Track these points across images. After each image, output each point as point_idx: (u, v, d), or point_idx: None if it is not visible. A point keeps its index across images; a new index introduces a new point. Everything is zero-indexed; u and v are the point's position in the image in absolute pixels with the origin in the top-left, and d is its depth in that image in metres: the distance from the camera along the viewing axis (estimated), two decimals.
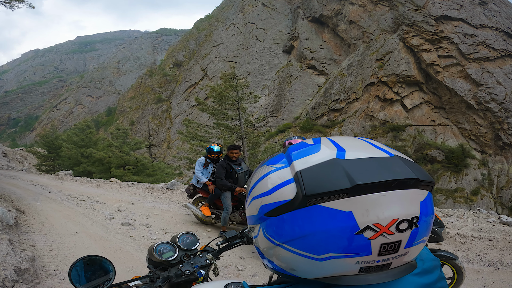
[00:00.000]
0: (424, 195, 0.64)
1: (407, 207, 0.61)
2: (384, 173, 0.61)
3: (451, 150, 43.00)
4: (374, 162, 0.64)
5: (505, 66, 45.36)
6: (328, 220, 0.60)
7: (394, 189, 0.60)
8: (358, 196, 0.59)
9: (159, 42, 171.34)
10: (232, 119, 19.09)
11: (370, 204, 0.59)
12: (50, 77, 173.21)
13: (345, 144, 0.71)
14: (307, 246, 0.64)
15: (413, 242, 0.64)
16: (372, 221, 0.59)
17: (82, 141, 26.09)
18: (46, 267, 4.43)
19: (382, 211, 0.59)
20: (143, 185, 12.03)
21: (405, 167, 0.63)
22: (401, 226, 0.60)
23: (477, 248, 5.43)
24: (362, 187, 0.59)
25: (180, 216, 7.73)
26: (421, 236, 0.65)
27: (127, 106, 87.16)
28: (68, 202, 9.14)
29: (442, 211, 7.95)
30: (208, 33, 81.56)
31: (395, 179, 0.60)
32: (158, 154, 61.12)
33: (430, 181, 0.65)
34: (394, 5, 51.63)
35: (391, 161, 0.65)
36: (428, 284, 0.74)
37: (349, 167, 0.62)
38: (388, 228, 0.60)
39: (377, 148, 0.70)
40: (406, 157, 0.69)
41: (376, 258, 0.62)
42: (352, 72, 52.23)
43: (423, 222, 0.64)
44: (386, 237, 0.60)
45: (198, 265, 1.62)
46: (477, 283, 4.42)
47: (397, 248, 0.62)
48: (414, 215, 0.61)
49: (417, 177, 0.62)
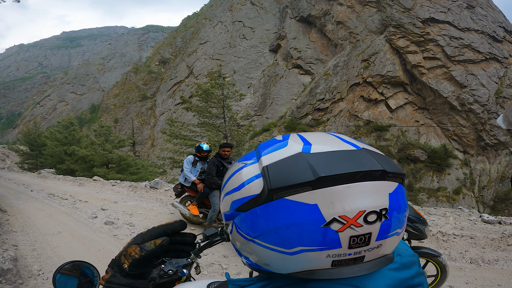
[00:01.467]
0: (394, 187, 0.64)
1: (374, 198, 0.60)
2: (349, 165, 0.61)
3: (434, 150, 43.76)
4: (340, 155, 0.64)
5: (489, 68, 46.28)
6: (294, 214, 0.60)
7: (359, 181, 0.60)
8: (322, 188, 0.59)
9: (146, 39, 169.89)
10: (216, 117, 19.07)
11: (335, 196, 0.59)
12: (34, 73, 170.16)
13: (313, 138, 0.72)
14: (277, 240, 0.63)
15: (386, 235, 0.63)
16: (338, 213, 0.59)
17: (65, 139, 25.75)
18: (29, 267, 4.41)
19: (348, 203, 0.59)
20: (126, 183, 11.98)
21: (371, 159, 0.63)
22: (369, 218, 0.60)
23: (459, 246, 5.55)
24: (326, 180, 0.59)
25: (164, 215, 7.74)
26: (394, 228, 0.64)
27: (111, 103, 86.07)
28: (50, 201, 9.08)
29: (424, 210, 8.08)
30: (195, 31, 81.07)
31: (359, 170, 0.60)
32: (142, 152, 60.64)
33: (399, 173, 0.65)
34: (382, 6, 52.16)
35: (357, 153, 0.65)
36: (406, 278, 0.73)
37: (314, 160, 0.62)
38: (356, 220, 0.59)
39: (345, 141, 0.70)
40: (374, 150, 0.70)
41: (347, 251, 0.62)
42: (338, 72, 52.63)
43: (394, 214, 0.63)
44: (355, 230, 0.60)
45: (180, 265, 1.60)
46: (459, 280, 4.53)
47: (367, 240, 0.61)
48: (382, 207, 0.61)
49: (383, 169, 0.61)
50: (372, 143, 44.41)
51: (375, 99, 48.50)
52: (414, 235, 3.55)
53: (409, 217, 3.53)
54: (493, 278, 4.56)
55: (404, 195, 0.68)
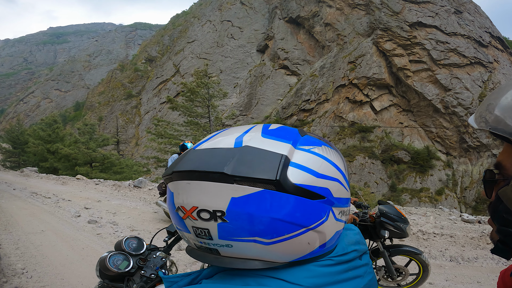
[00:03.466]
0: (246, 192, 0.61)
1: (209, 199, 0.62)
2: (192, 163, 0.65)
3: (417, 152, 44.54)
4: (206, 153, 0.67)
5: (473, 72, 47.27)
6: (169, 197, 0.71)
7: (198, 180, 0.63)
8: (175, 181, 0.67)
9: (133, 36, 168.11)
10: (202, 116, 19.13)
11: (180, 189, 0.66)
12: (19, 69, 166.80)
13: (220, 134, 0.75)
14: None
15: (231, 237, 0.63)
16: (179, 203, 0.66)
17: (48, 137, 25.38)
18: (13, 265, 4.45)
19: (186, 197, 0.64)
20: (110, 182, 12.00)
21: (221, 159, 0.63)
22: (202, 214, 0.63)
23: (439, 244, 5.65)
24: (177, 174, 0.66)
25: (147, 214, 7.79)
26: (243, 234, 0.63)
27: (96, 101, 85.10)
28: (33, 199, 9.06)
29: (405, 209, 8.30)
30: (184, 29, 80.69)
31: (195, 170, 0.63)
32: (126, 151, 60.20)
33: (259, 178, 0.61)
34: (371, 9, 52.82)
35: (221, 152, 0.66)
36: (336, 272, 0.71)
37: (189, 156, 0.69)
38: (191, 213, 0.64)
39: (238, 138, 0.70)
40: (263, 148, 0.66)
41: (196, 239, 0.68)
42: (324, 73, 53.08)
43: (236, 220, 0.61)
44: (192, 221, 0.65)
45: (158, 267, 1.60)
46: (440, 277, 4.60)
47: (208, 234, 0.65)
48: (217, 209, 0.61)
49: (222, 171, 0.60)
50: (356, 144, 45.06)
51: (360, 100, 49.11)
52: (396, 234, 3.64)
53: (391, 216, 3.63)
54: (473, 275, 4.67)
55: (268, 203, 0.61)
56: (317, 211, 0.66)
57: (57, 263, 4.65)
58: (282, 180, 0.61)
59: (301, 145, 0.70)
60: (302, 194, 0.63)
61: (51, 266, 4.52)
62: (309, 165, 0.67)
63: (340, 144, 45.82)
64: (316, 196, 0.65)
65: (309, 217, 0.65)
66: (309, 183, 0.64)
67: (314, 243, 0.68)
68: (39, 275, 4.23)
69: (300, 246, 0.66)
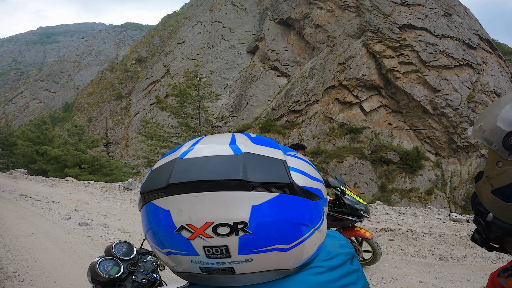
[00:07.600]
0: (264, 199, 0.58)
1: (228, 210, 0.57)
2: (199, 173, 0.58)
3: (407, 152, 44.89)
4: (204, 161, 0.61)
5: (462, 74, 47.78)
6: (156, 217, 0.62)
7: (209, 190, 0.57)
8: (173, 196, 0.59)
9: (123, 37, 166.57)
10: (192, 118, 19.11)
11: (183, 204, 0.58)
12: (8, 69, 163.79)
13: (202, 142, 0.70)
14: (153, 240, 0.66)
15: (253, 250, 0.60)
16: (185, 222, 0.58)
17: (37, 138, 25.13)
18: (5, 269, 4.46)
19: (194, 213, 0.57)
20: (100, 184, 11.99)
21: (234, 167, 0.59)
22: (219, 230, 0.57)
23: (428, 243, 5.71)
24: (176, 187, 0.58)
25: (138, 216, 7.71)
26: (266, 244, 0.60)
27: (85, 102, 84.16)
28: (23, 202, 9.03)
29: (394, 209, 8.40)
30: (174, 30, 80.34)
31: (207, 179, 0.57)
32: (116, 152, 59.64)
33: (274, 183, 0.60)
34: (362, 11, 53.13)
35: (228, 159, 0.61)
36: (328, 281, 0.69)
37: (179, 166, 0.61)
38: (204, 230, 0.57)
39: (231, 145, 0.66)
40: (262, 154, 0.65)
41: (207, 260, 0.60)
42: (314, 74, 53.32)
43: (260, 229, 0.58)
44: (205, 240, 0.58)
45: (149, 271, 1.58)
46: (429, 275, 4.64)
47: (226, 252, 0.59)
48: (238, 220, 0.57)
49: (241, 179, 0.57)
50: (346, 145, 45.38)
51: (350, 102, 49.40)
52: (356, 216, 4.26)
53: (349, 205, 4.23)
54: (462, 273, 4.72)
55: (286, 207, 0.61)
56: (318, 211, 0.67)
57: (49, 266, 4.68)
58: (294, 183, 0.61)
59: (285, 151, 0.71)
60: (307, 196, 0.64)
61: (43, 269, 4.55)
62: (303, 168, 0.67)
63: (330, 145, 46.10)
64: (315, 197, 0.66)
65: (315, 218, 0.66)
66: (308, 185, 0.65)
67: (319, 243, 0.69)
68: (31, 278, 4.27)
69: (310, 248, 0.66)
